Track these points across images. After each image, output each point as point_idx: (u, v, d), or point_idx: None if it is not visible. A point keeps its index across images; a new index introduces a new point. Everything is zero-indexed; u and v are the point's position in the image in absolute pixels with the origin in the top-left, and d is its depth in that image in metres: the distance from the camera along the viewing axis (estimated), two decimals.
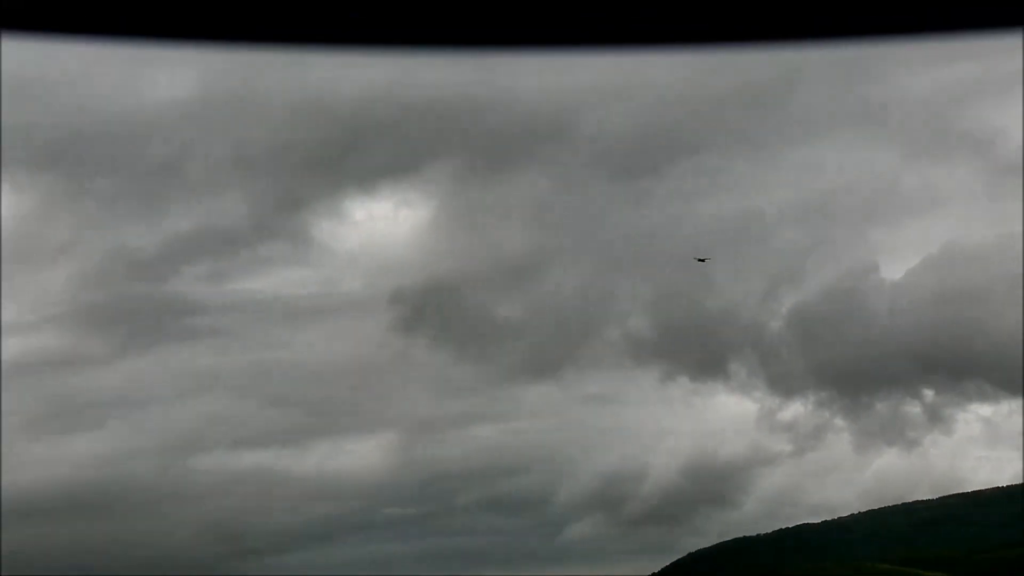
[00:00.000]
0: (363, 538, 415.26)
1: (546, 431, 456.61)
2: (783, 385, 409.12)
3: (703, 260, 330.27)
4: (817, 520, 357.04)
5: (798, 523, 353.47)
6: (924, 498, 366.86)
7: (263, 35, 8.63)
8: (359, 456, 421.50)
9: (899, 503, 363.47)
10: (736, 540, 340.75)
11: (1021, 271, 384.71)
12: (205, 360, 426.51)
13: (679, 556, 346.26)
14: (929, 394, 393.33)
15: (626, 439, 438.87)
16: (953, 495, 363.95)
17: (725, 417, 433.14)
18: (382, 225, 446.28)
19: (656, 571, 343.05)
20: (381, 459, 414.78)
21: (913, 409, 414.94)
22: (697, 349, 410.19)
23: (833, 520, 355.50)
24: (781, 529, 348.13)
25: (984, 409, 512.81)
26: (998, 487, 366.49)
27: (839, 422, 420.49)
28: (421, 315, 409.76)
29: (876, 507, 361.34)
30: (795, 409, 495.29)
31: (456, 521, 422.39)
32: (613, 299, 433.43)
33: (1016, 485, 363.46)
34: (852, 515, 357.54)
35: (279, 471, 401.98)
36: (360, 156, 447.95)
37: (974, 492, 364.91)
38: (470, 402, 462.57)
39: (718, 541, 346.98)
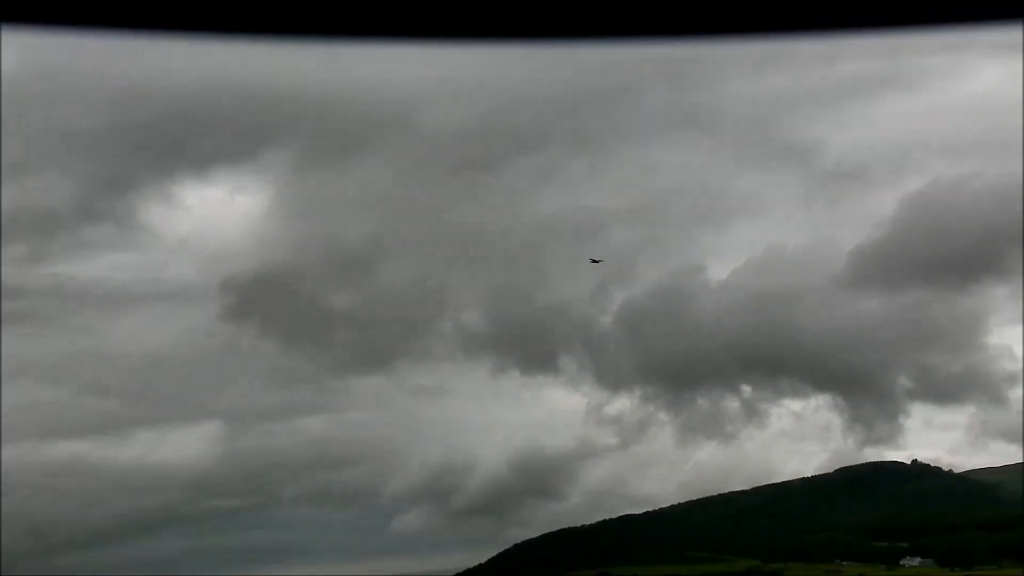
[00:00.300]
0: (185, 531, 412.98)
1: (375, 423, 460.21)
2: (611, 380, 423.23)
3: (597, 261, 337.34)
4: (639, 511, 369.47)
5: (621, 514, 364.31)
6: (739, 489, 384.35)
7: (263, 28, 8.66)
8: (183, 447, 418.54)
9: (716, 494, 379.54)
10: (561, 531, 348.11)
11: (833, 274, 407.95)
12: (16, 346, 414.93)
13: (505, 547, 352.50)
14: (747, 390, 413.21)
15: (455, 431, 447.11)
16: (765, 485, 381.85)
17: (554, 410, 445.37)
18: (215, 211, 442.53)
19: (482, 562, 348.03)
20: (206, 450, 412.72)
21: (732, 404, 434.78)
22: (528, 343, 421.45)
23: (655, 511, 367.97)
24: (604, 520, 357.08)
25: (795, 404, 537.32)
26: (804, 477, 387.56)
27: (663, 416, 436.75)
28: (252, 304, 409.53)
29: (695, 498, 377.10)
30: (621, 403, 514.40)
31: (282, 514, 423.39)
32: (447, 292, 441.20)
33: (820, 475, 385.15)
34: (672, 506, 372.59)
35: (96, 462, 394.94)
36: (195, 141, 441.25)
37: (783, 483, 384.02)
38: (299, 393, 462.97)
39: (544, 532, 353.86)
